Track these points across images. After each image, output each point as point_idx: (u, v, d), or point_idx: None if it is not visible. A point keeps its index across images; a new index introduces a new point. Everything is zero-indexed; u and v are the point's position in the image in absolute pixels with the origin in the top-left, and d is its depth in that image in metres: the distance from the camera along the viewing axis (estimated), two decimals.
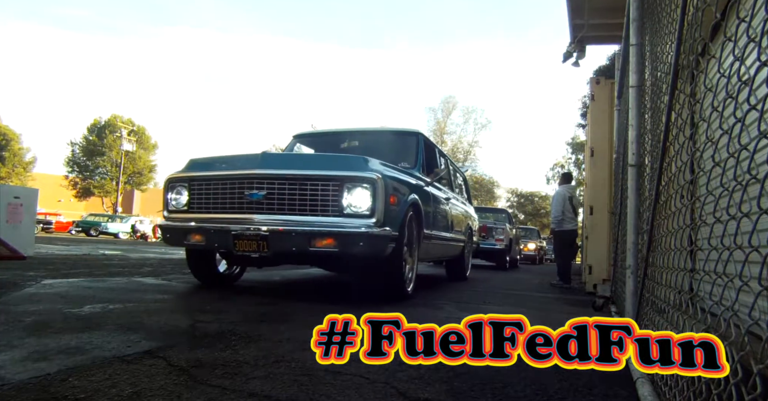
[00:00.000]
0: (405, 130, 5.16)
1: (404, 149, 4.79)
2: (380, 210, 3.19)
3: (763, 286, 0.83)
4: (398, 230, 3.41)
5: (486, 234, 10.23)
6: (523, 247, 16.46)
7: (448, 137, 34.97)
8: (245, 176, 3.38)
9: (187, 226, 3.53)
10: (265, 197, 3.31)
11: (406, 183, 3.80)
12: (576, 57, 6.93)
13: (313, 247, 3.16)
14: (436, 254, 5.20)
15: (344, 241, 3.15)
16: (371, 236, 3.15)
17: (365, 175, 3.21)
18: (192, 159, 3.88)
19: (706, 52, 1.38)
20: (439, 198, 4.92)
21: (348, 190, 3.22)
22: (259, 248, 3.25)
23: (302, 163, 3.50)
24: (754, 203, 0.90)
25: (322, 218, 3.23)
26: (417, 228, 4.02)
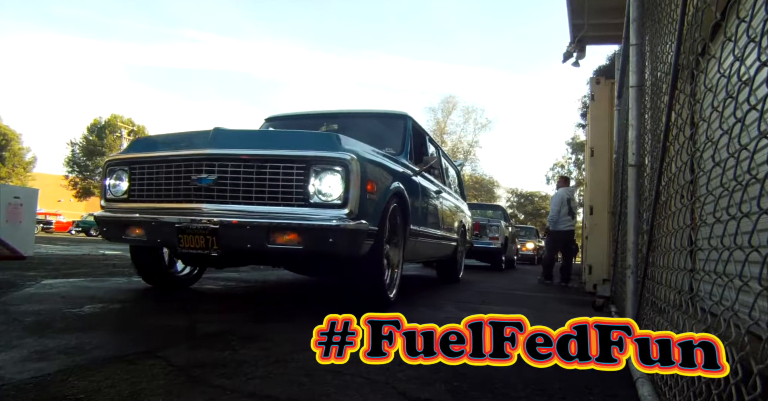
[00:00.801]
0: (391, 112, 4.48)
1: (389, 133, 4.20)
2: (355, 199, 2.63)
3: (763, 286, 0.83)
4: (378, 225, 2.89)
5: (479, 232, 9.62)
6: (521, 247, 15.67)
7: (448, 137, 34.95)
8: (192, 157, 2.82)
9: (126, 218, 2.99)
10: (216, 182, 2.74)
11: (389, 169, 3.23)
12: (576, 57, 6.93)
13: (273, 244, 2.63)
14: (425, 254, 4.70)
15: (310, 236, 2.61)
16: (343, 231, 2.60)
17: (336, 155, 2.65)
18: (135, 139, 3.34)
19: (706, 52, 1.38)
20: (428, 191, 4.37)
21: (315, 174, 2.66)
22: (207, 245, 2.72)
23: (261, 141, 2.90)
24: (754, 203, 0.91)
25: (284, 208, 2.66)
26: (402, 223, 3.48)
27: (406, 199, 3.43)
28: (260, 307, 3.20)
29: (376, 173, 2.94)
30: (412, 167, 3.99)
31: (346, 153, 2.67)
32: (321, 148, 2.72)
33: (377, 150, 3.32)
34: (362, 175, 2.69)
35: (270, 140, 2.93)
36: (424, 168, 4.16)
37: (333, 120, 4.61)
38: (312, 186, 2.66)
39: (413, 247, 3.88)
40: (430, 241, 4.41)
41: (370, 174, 2.83)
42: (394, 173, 3.31)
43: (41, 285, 3.49)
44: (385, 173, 3.14)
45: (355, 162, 2.65)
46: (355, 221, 2.64)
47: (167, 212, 2.86)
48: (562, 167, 35.32)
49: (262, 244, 2.63)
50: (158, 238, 2.90)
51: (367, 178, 2.76)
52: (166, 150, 2.96)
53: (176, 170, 2.87)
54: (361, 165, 2.69)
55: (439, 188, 4.88)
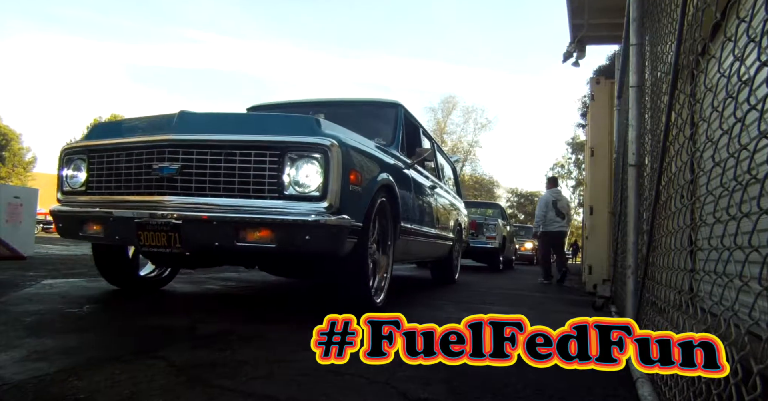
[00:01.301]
0: (381, 100, 4.15)
1: (380, 123, 3.88)
2: (335, 191, 2.35)
3: (763, 286, 0.83)
4: (362, 221, 2.61)
5: (476, 231, 9.14)
6: (520, 246, 15.11)
7: (448, 137, 34.97)
8: (154, 143, 2.53)
9: (83, 212, 2.71)
10: (180, 172, 2.45)
11: (376, 159, 2.95)
12: (576, 57, 6.93)
13: (242, 241, 2.36)
14: (418, 253, 4.40)
15: (284, 233, 2.32)
16: (321, 227, 2.30)
17: (315, 141, 2.36)
18: (96, 124, 3.13)
19: (706, 52, 1.38)
20: (422, 186, 4.10)
21: (291, 162, 2.37)
22: (170, 243, 2.43)
23: (231, 126, 2.60)
24: (754, 203, 0.91)
25: (256, 201, 2.38)
26: (391, 220, 3.18)
27: (395, 193, 3.14)
28: (260, 307, 3.20)
29: (360, 162, 2.65)
30: (404, 159, 3.68)
31: (326, 139, 2.37)
32: (298, 133, 2.43)
33: (363, 138, 3.00)
34: (344, 164, 2.40)
35: (241, 125, 2.63)
36: (416, 161, 3.83)
37: (320, 109, 4.06)
38: (287, 176, 2.37)
39: (405, 246, 3.59)
40: (423, 240, 4.14)
41: (354, 163, 2.54)
42: (382, 164, 3.01)
43: (41, 285, 3.49)
44: (372, 163, 2.85)
45: (336, 149, 2.35)
46: (336, 215, 2.36)
47: (126, 206, 2.57)
48: (562, 167, 35.35)
49: (230, 242, 2.36)
50: (116, 235, 2.62)
51: (351, 167, 2.48)
52: (127, 136, 2.67)
53: (137, 158, 2.58)
54: (343, 153, 2.40)
55: (434, 184, 4.60)
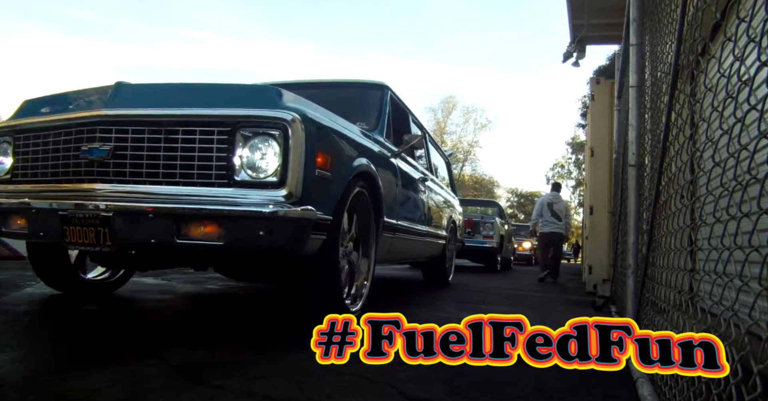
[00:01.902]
0: (365, 81, 3.73)
1: (363, 106, 3.45)
2: (296, 176, 1.95)
3: (763, 286, 0.83)
4: (332, 213, 2.23)
5: (472, 230, 8.81)
6: (518, 246, 14.42)
7: (448, 137, 34.97)
8: (84, 120, 2.12)
9: (5, 204, 2.30)
10: (113, 154, 2.04)
11: (353, 142, 2.54)
12: (576, 57, 6.93)
13: (184, 238, 1.96)
14: (406, 253, 3.97)
15: (233, 228, 1.93)
16: (279, 221, 1.91)
17: (273, 114, 1.97)
18: (26, 100, 2.55)
19: (706, 52, 1.38)
20: (410, 177, 3.67)
21: (244, 141, 1.98)
22: (99, 240, 2.03)
23: (175, 98, 2.16)
24: (754, 203, 0.91)
25: (201, 189, 1.98)
26: (373, 214, 2.78)
27: (377, 183, 2.74)
28: (260, 307, 3.20)
29: (331, 143, 2.26)
30: (390, 146, 3.29)
31: (287, 112, 1.97)
32: (253, 105, 2.04)
33: (339, 117, 2.56)
34: (309, 143, 2.01)
35: (186, 97, 2.16)
36: (404, 149, 3.42)
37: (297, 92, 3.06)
38: (238, 158, 1.97)
39: (390, 245, 3.20)
40: (412, 238, 3.73)
41: (323, 144, 2.15)
42: (360, 148, 2.59)
43: (41, 285, 3.48)
44: (347, 146, 2.45)
45: (298, 125, 1.96)
46: (297, 206, 1.95)
47: (51, 196, 2.17)
48: (562, 167, 35.35)
49: (169, 238, 1.97)
50: (41, 231, 2.23)
51: (318, 149, 2.09)
52: (57, 114, 2.26)
53: (65, 139, 2.18)
54: (308, 130, 2.00)
55: (424, 176, 4.20)
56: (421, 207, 4.04)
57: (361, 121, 3.12)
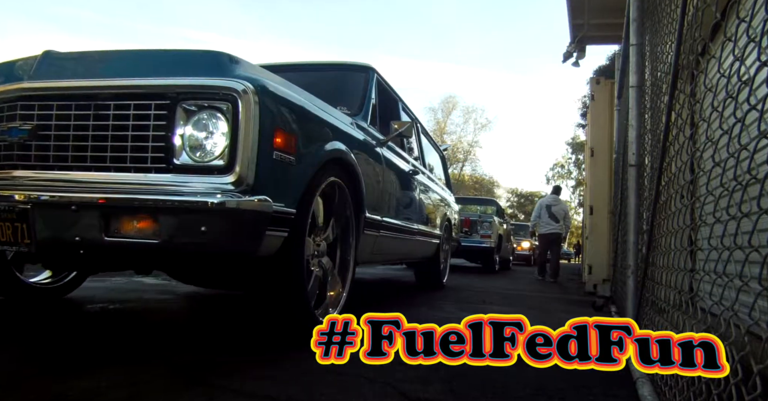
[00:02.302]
0: (349, 63, 3.37)
1: (346, 89, 3.13)
2: (249, 159, 1.62)
3: (763, 286, 0.83)
4: (296, 206, 1.88)
5: (469, 229, 8.62)
6: (517, 246, 14.08)
7: (448, 137, 34.95)
8: (3, 96, 1.83)
9: None
10: (35, 134, 1.74)
11: (326, 122, 2.18)
12: (576, 57, 6.94)
13: (114, 235, 1.60)
14: (394, 253, 3.60)
15: (170, 222, 1.57)
16: (224, 214, 1.56)
17: (220, 84, 1.64)
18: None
19: (706, 52, 1.38)
20: (399, 169, 3.34)
21: (186, 116, 1.65)
22: (17, 238, 1.69)
23: (108, 67, 1.83)
24: (754, 203, 0.91)
25: (137, 175, 1.66)
26: (353, 208, 2.43)
27: (356, 173, 2.39)
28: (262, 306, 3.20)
29: (296, 121, 1.91)
30: (374, 133, 2.96)
31: (238, 81, 1.64)
32: (199, 73, 1.70)
33: (307, 93, 2.18)
34: (266, 119, 1.68)
35: (122, 65, 1.84)
36: (391, 137, 3.10)
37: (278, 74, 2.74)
38: (179, 138, 1.64)
39: (374, 244, 2.86)
40: (400, 236, 3.39)
41: (285, 121, 1.82)
42: (335, 131, 2.24)
43: None
44: (317, 126, 2.10)
45: (251, 97, 1.62)
46: (249, 196, 1.61)
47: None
48: (562, 167, 35.35)
49: (97, 235, 1.60)
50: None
51: (277, 126, 1.75)
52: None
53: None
54: (263, 103, 1.67)
55: (415, 169, 3.85)
56: (412, 203, 3.72)
57: (342, 105, 2.75)
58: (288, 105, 1.89)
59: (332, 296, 2.33)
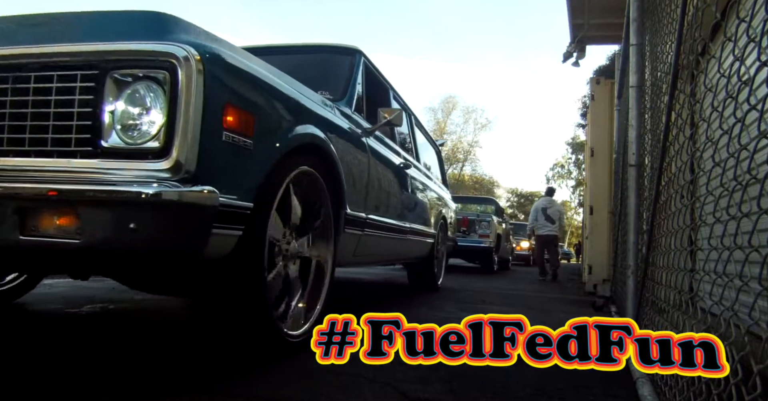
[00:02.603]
0: (333, 45, 3.06)
1: (329, 73, 2.85)
2: (188, 140, 1.33)
3: (763, 286, 0.83)
4: (253, 198, 1.57)
5: (467, 229, 8.51)
6: (516, 246, 13.71)
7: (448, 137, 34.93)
8: None
9: None
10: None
11: (294, 101, 1.86)
12: (576, 57, 6.94)
13: (31, 233, 1.31)
14: (381, 254, 3.33)
15: (93, 219, 1.29)
16: (160, 208, 1.29)
17: (155, 48, 1.36)
18: None
19: (706, 52, 1.38)
20: (388, 162, 3.05)
21: (116, 88, 1.38)
22: None
23: (31, 32, 1.54)
24: (754, 203, 0.91)
25: (58, 161, 1.38)
26: (330, 203, 2.10)
27: (335, 163, 2.08)
28: None
29: (256, 98, 1.61)
30: (359, 121, 2.67)
31: (178, 46, 1.35)
32: (133, 36, 1.41)
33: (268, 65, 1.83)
34: (213, 92, 1.39)
35: (46, 29, 1.53)
36: (379, 126, 2.80)
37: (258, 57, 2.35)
38: (109, 114, 1.36)
39: (357, 244, 2.57)
40: (388, 236, 3.09)
41: (239, 96, 1.52)
42: (308, 113, 1.93)
43: (41, 285, 3.48)
44: (284, 106, 1.77)
45: (194, 64, 1.33)
46: (190, 185, 1.32)
47: None
48: (562, 167, 35.36)
49: (12, 234, 1.31)
50: None
51: (228, 102, 1.45)
52: None
53: None
54: (209, 72, 1.37)
55: (406, 163, 3.53)
56: (402, 199, 3.41)
57: (324, 90, 2.48)
58: (245, 78, 1.57)
59: (303, 307, 2.00)
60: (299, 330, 1.91)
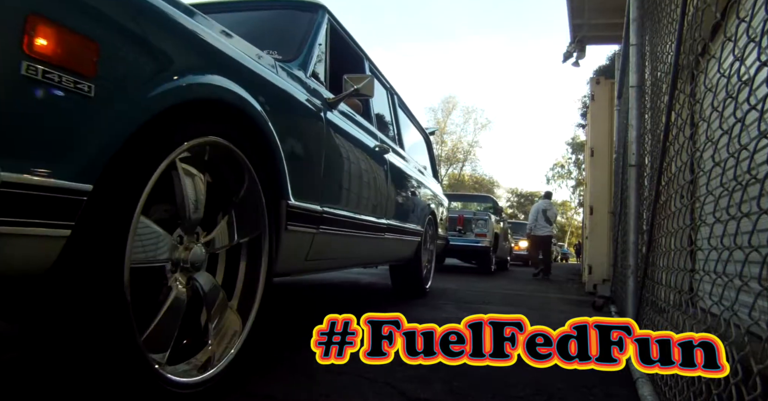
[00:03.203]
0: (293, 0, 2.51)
1: (284, 32, 2.33)
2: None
3: (763, 286, 0.83)
4: (93, 178, 0.96)
5: (463, 227, 8.06)
6: (515, 245, 13.04)
7: (448, 137, 34.98)
8: None
9: None
10: None
11: (188, 33, 1.25)
12: (576, 57, 6.95)
13: None
14: (347, 256, 2.71)
15: None
16: None
17: None
18: None
19: (706, 52, 1.38)
20: (358, 143, 2.48)
21: None
22: None
23: None
24: (754, 203, 0.91)
25: None
26: (262, 191, 1.56)
27: (268, 136, 1.55)
28: None
29: (99, 11, 1.00)
30: (316, 88, 2.08)
31: None
32: None
33: None
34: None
35: None
36: (344, 96, 2.23)
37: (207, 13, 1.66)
38: None
39: (309, 245, 1.98)
40: (358, 234, 2.50)
41: (60, 7, 0.91)
42: (220, 59, 1.38)
43: None
44: (166, 37, 1.18)
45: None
46: None
47: None
48: (562, 167, 35.36)
49: None
50: None
51: (32, 11, 0.86)
52: None
53: None
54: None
55: (384, 147, 2.93)
56: (378, 190, 2.85)
57: (274, 49, 1.99)
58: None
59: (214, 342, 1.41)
60: (200, 375, 1.30)
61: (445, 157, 34.42)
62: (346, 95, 2.25)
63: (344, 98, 2.25)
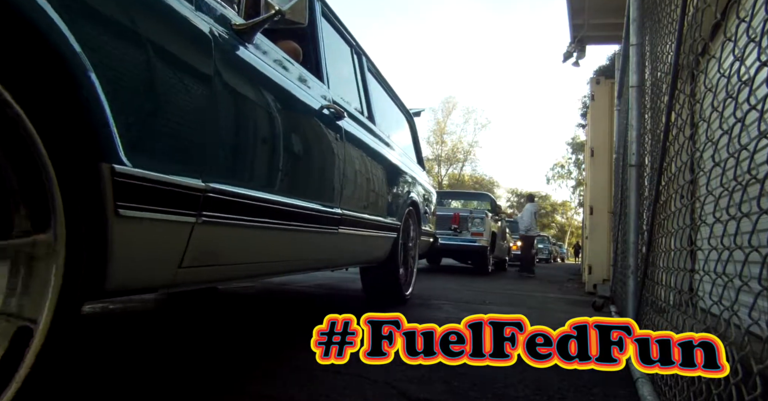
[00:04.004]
0: None
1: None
2: None
3: (763, 286, 0.83)
4: None
5: (459, 226, 7.66)
6: (513, 245, 12.40)
7: (448, 137, 34.99)
8: None
9: None
10: None
11: None
12: (576, 57, 6.95)
13: None
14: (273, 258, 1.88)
15: None
16: None
17: None
18: None
19: (706, 52, 1.38)
20: (283, 92, 1.75)
21: None
22: None
23: None
24: (754, 203, 0.91)
25: None
26: (47, 140, 0.83)
27: (64, 55, 0.85)
28: (260, 308, 3.20)
29: None
30: (215, 6, 1.39)
31: None
32: None
33: None
34: None
35: None
36: (261, 20, 1.56)
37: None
38: None
39: (188, 241, 1.25)
40: (284, 227, 1.75)
41: None
42: None
43: None
44: None
45: None
46: None
47: None
48: (562, 167, 35.36)
49: None
50: None
51: None
52: None
53: None
54: None
55: (338, 108, 2.25)
56: (322, 165, 2.11)
57: None
58: None
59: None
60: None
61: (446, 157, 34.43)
62: (264, 20, 1.57)
63: (261, 25, 1.57)
